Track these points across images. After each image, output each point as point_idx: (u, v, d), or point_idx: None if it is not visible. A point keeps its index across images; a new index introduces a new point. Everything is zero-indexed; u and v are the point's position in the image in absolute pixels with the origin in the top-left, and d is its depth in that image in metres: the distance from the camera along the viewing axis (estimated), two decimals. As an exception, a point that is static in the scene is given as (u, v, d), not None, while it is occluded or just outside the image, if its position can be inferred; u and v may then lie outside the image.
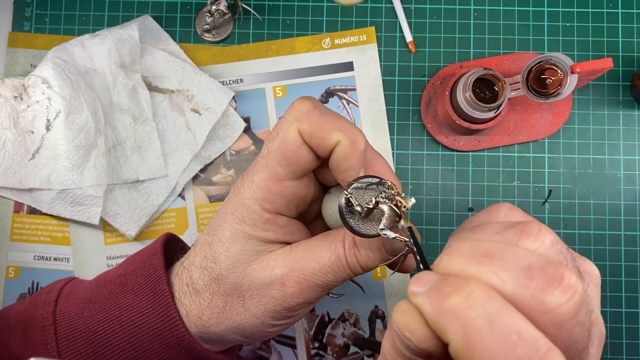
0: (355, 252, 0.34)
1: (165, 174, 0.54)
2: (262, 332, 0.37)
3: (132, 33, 0.53)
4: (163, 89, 0.54)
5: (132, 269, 0.40)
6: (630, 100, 0.55)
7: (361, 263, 0.34)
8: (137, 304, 0.38)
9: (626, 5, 0.56)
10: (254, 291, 0.36)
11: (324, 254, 0.34)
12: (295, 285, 0.35)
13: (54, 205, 0.52)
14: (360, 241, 0.34)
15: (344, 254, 0.34)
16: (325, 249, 0.34)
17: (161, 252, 0.40)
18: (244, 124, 0.55)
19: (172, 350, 0.38)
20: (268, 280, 0.35)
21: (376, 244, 0.33)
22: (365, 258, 0.34)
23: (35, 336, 0.38)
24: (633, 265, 0.54)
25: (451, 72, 0.54)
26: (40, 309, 0.39)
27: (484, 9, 0.56)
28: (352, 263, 0.34)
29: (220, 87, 0.54)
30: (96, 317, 0.38)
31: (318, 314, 0.54)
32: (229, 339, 0.38)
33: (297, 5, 0.56)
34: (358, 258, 0.34)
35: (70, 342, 0.38)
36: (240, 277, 0.36)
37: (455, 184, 0.55)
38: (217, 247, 0.37)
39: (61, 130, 0.49)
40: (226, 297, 0.37)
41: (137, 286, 0.39)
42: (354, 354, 0.53)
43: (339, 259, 0.34)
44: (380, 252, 0.34)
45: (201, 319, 0.37)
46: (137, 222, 0.52)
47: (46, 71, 0.50)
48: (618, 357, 0.53)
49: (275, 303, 0.35)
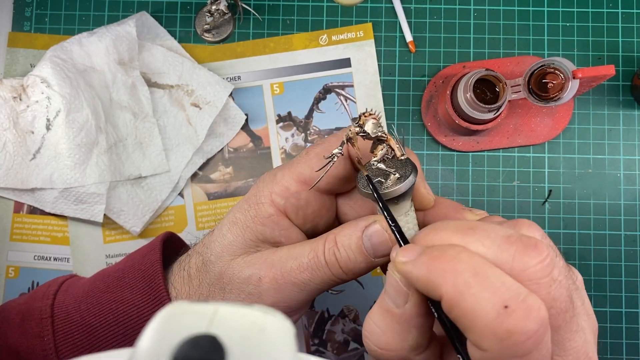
0: (335, 250, 0.33)
1: (168, 170, 0.54)
2: None
3: (130, 30, 0.53)
4: (162, 84, 0.54)
5: (130, 264, 0.40)
6: (630, 100, 0.55)
7: (340, 262, 0.33)
8: (132, 297, 0.38)
9: (626, 5, 0.56)
10: (234, 285, 0.35)
11: (304, 252, 0.34)
12: (271, 282, 0.34)
13: (57, 205, 0.52)
14: (342, 241, 0.33)
15: (322, 251, 0.33)
16: (306, 247, 0.34)
17: (159, 248, 0.40)
18: (245, 116, 0.55)
19: None
20: (246, 275, 0.35)
21: (356, 242, 0.32)
22: (345, 257, 0.33)
23: (33, 328, 0.39)
24: (633, 265, 0.54)
25: (453, 72, 0.54)
26: (39, 302, 0.40)
27: (484, 9, 0.56)
28: (330, 261, 0.33)
29: (220, 80, 0.54)
30: (92, 311, 0.38)
31: (318, 310, 0.54)
32: None
33: (297, 5, 0.56)
34: (337, 257, 0.33)
35: (67, 334, 0.38)
36: (224, 268, 0.36)
37: (455, 184, 0.55)
38: (216, 232, 0.37)
39: (62, 129, 0.49)
40: (210, 286, 0.37)
41: (134, 280, 0.39)
42: (354, 350, 0.53)
43: (316, 256, 0.33)
44: (361, 252, 0.33)
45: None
46: (142, 218, 0.53)
47: (45, 70, 0.50)
48: (618, 357, 0.53)
49: (251, 300, 0.35)
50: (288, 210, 0.35)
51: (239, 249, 0.36)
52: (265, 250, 0.36)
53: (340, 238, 0.33)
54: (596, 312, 0.53)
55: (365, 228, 0.33)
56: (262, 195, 0.35)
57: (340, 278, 0.34)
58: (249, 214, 0.36)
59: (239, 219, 0.36)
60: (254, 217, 0.35)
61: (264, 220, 0.35)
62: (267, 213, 0.35)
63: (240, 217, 0.36)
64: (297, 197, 0.34)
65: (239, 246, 0.36)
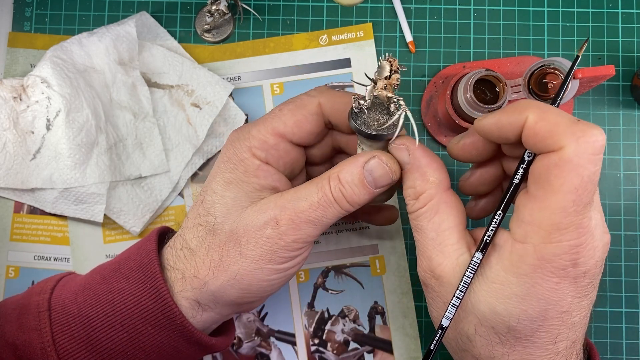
0: (340, 187, 0.36)
1: (168, 170, 0.54)
2: (259, 280, 0.38)
3: (130, 30, 0.53)
4: (162, 84, 0.54)
5: (126, 255, 0.41)
6: (630, 100, 0.55)
7: (347, 197, 0.36)
8: (128, 287, 0.39)
9: (626, 5, 0.56)
10: (250, 234, 0.37)
11: (312, 192, 0.37)
12: (288, 223, 0.36)
13: (57, 205, 0.52)
14: (345, 178, 0.36)
15: (329, 189, 0.36)
16: (313, 188, 0.37)
17: (155, 239, 0.41)
18: (245, 116, 0.55)
19: (165, 332, 0.38)
20: (262, 221, 0.37)
21: (358, 177, 0.36)
22: (350, 192, 0.36)
23: (30, 321, 0.39)
24: (633, 265, 0.54)
25: (453, 72, 0.54)
26: (36, 296, 0.40)
27: (484, 9, 0.56)
28: (338, 197, 0.36)
29: (220, 80, 0.54)
30: (89, 302, 0.39)
31: (318, 310, 0.54)
32: (228, 297, 0.38)
33: (297, 5, 0.56)
34: (343, 192, 0.36)
35: (64, 326, 0.38)
36: (236, 223, 0.37)
37: (455, 184, 0.55)
38: (210, 199, 0.39)
39: (62, 129, 0.49)
40: (222, 247, 0.38)
41: (130, 270, 0.39)
42: (354, 350, 0.53)
43: (325, 194, 0.36)
44: (364, 185, 0.36)
45: (197, 277, 0.38)
46: (142, 219, 0.53)
47: (45, 70, 0.50)
48: (618, 357, 0.53)
49: (272, 242, 0.37)
50: (270, 161, 0.38)
51: (244, 201, 0.38)
52: (269, 196, 0.38)
53: (344, 175, 0.36)
54: (596, 312, 0.53)
55: (365, 163, 0.36)
56: (242, 152, 0.38)
57: (348, 210, 0.37)
58: (239, 170, 0.38)
59: (232, 178, 0.38)
60: (245, 172, 0.38)
61: (256, 172, 0.38)
62: (255, 165, 0.38)
63: (232, 176, 0.38)
64: (276, 149, 0.38)
65: (243, 199, 0.38)
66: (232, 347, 0.54)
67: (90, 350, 0.38)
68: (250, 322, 0.54)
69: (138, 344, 0.38)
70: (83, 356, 0.38)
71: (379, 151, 0.37)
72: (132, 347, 0.38)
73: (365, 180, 0.36)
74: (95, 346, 0.38)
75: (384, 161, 0.36)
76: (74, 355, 0.38)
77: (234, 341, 0.53)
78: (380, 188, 0.37)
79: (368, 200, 0.37)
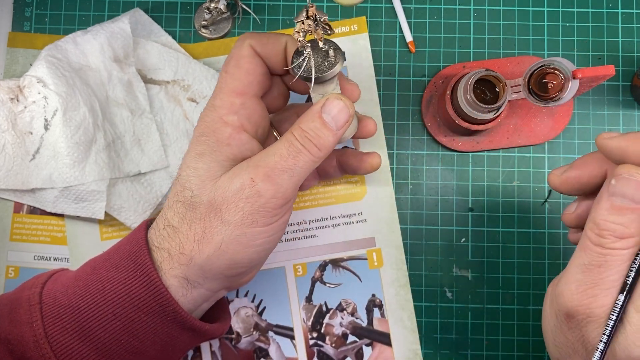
0: (304, 134, 0.38)
1: (167, 165, 0.54)
2: (245, 247, 0.38)
3: (124, 27, 0.53)
4: (158, 80, 0.54)
5: (116, 247, 0.41)
6: (630, 100, 0.55)
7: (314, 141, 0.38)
8: (119, 275, 0.39)
9: (626, 5, 0.56)
10: (229, 200, 0.38)
11: (280, 146, 0.38)
12: (264, 178, 0.37)
13: (58, 204, 0.52)
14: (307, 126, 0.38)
15: (295, 139, 0.38)
16: (280, 143, 0.38)
17: (144, 228, 0.41)
18: None
19: (158, 319, 0.38)
20: (239, 184, 0.37)
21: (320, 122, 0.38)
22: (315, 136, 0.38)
23: (21, 315, 0.39)
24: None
25: (453, 72, 0.54)
26: (27, 291, 0.40)
27: (484, 9, 0.56)
28: (306, 144, 0.38)
29: (215, 74, 0.54)
30: (80, 293, 0.39)
31: (316, 304, 0.54)
32: (216, 269, 0.39)
33: (297, 5, 0.56)
34: (309, 138, 0.38)
35: (56, 319, 0.38)
36: (213, 192, 0.38)
37: (455, 184, 0.55)
38: (185, 173, 0.39)
39: (59, 128, 0.49)
40: (203, 219, 0.38)
41: (119, 260, 0.40)
42: (353, 343, 0.53)
43: (292, 144, 0.38)
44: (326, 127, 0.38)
45: (183, 253, 0.38)
46: (142, 214, 0.53)
47: (40, 70, 0.50)
48: (618, 358, 0.53)
49: (252, 202, 0.37)
50: (243, 122, 0.39)
51: (218, 171, 0.38)
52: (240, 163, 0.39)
53: (305, 124, 0.38)
54: None
55: (321, 108, 0.38)
56: (214, 123, 0.39)
57: (318, 156, 0.38)
58: (211, 141, 0.39)
59: (203, 149, 0.39)
60: (217, 142, 0.38)
61: (228, 141, 0.38)
62: (227, 134, 0.38)
63: (205, 148, 0.39)
64: (244, 107, 0.39)
65: (216, 169, 0.38)
66: (230, 342, 0.54)
67: (83, 340, 0.38)
68: (248, 317, 0.54)
69: (132, 331, 0.38)
70: (77, 347, 0.38)
71: (331, 93, 0.39)
72: (126, 335, 0.38)
73: (326, 122, 0.38)
74: (88, 336, 0.38)
75: (337, 98, 0.38)
76: (68, 346, 0.38)
77: (232, 336, 0.54)
78: (342, 126, 0.39)
79: (335, 141, 0.39)
